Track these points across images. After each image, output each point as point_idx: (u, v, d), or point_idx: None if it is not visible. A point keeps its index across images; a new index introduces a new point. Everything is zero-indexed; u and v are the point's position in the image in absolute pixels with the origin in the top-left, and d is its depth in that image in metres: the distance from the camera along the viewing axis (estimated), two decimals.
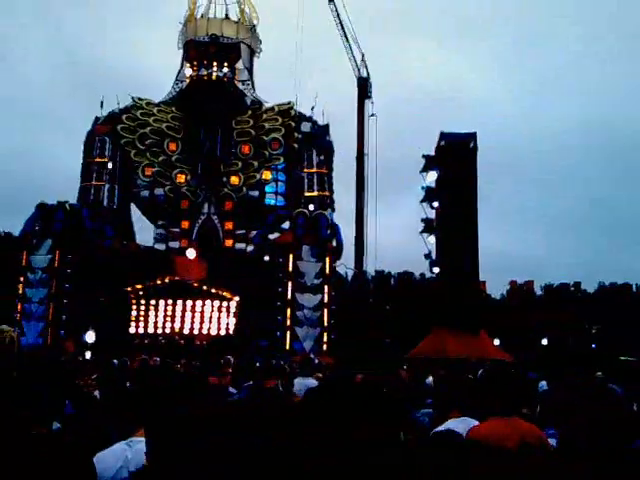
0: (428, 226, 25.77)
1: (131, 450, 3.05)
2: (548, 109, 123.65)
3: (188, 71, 32.64)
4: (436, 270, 25.74)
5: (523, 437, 3.41)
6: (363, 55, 33.76)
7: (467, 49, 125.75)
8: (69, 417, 4.73)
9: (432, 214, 26.69)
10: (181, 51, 34.33)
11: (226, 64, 32.27)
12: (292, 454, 1.66)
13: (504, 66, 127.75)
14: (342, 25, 33.05)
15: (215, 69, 32.03)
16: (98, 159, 30.90)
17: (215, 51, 32.07)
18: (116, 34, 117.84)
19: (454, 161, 24.43)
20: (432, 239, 25.04)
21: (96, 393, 6.79)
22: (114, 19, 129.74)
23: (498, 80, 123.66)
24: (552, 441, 4.08)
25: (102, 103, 31.61)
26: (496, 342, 26.92)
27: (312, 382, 9.40)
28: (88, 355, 20.79)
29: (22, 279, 26.76)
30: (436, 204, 25.73)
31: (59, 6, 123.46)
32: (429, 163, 25.62)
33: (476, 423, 3.78)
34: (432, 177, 25.17)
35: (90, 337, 23.56)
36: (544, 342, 34.40)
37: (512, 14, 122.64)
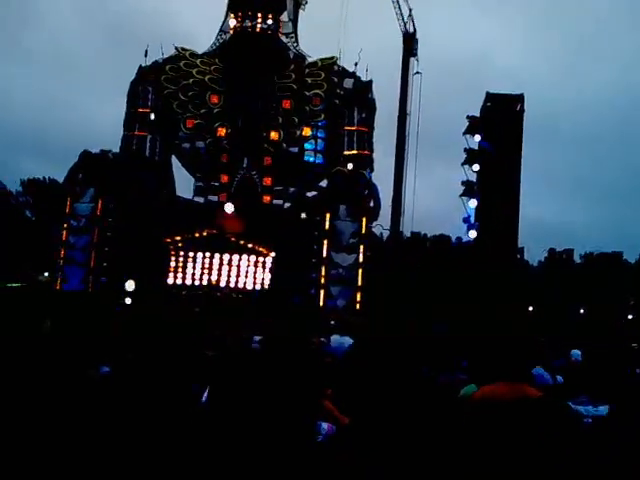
0: (468, 189, 25.37)
1: None
2: (588, 74, 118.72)
3: (232, 22, 32.20)
4: (472, 234, 25.42)
5: (524, 396, 3.52)
6: (410, 10, 32.79)
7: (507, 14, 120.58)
8: None
9: (473, 177, 26.23)
10: (225, 1, 33.80)
11: (270, 16, 31.69)
12: None
13: (536, 31, 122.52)
14: None
15: (259, 21, 31.51)
16: (141, 109, 31.02)
17: (259, 2, 31.47)
18: None
19: (500, 123, 23.80)
20: (472, 203, 24.65)
21: None
22: None
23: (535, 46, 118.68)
24: (582, 408, 4.07)
25: (146, 52, 31.54)
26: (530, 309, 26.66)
27: (348, 340, 9.50)
28: (128, 301, 21.44)
29: (65, 226, 27.43)
30: (477, 167, 25.24)
31: None
32: (473, 124, 25.03)
33: None
34: (476, 139, 24.61)
35: (130, 285, 24.22)
36: (581, 311, 33.92)
37: None
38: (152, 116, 30.81)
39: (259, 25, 31.56)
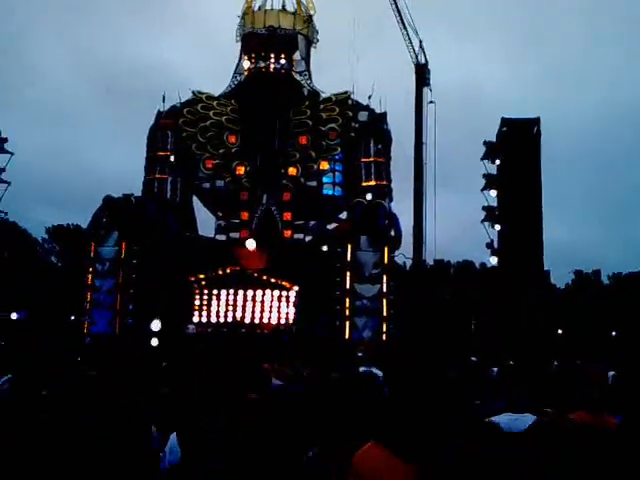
0: (489, 214, 25.27)
1: None
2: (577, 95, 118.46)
3: (246, 64, 32.97)
4: (494, 260, 25.20)
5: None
6: (421, 42, 33.26)
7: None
8: None
9: (494, 202, 26.14)
10: (239, 44, 34.69)
11: (283, 56, 32.41)
12: None
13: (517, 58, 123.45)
14: (399, 11, 32.62)
15: (272, 61, 32.22)
16: (161, 152, 31.71)
17: (272, 43, 32.23)
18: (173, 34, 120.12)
19: (517, 147, 23.80)
20: (496, 226, 24.53)
21: None
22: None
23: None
24: None
25: (164, 97, 32.40)
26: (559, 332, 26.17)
27: (376, 372, 9.40)
28: (155, 342, 21.51)
29: (91, 270, 27.81)
30: (494, 193, 25.17)
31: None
32: (490, 150, 25.06)
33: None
34: (494, 164, 24.62)
35: (156, 326, 24.33)
36: (613, 334, 33.17)
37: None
38: (172, 158, 31.44)
39: (272, 65, 32.27)
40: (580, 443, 2.75)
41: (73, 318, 34.21)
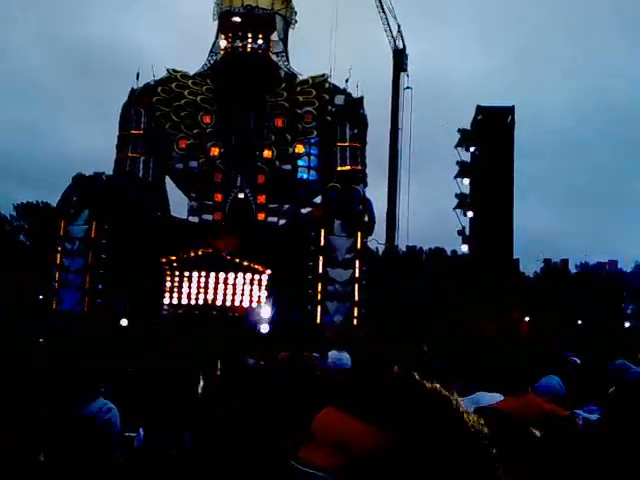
0: (462, 202, 25.45)
1: None
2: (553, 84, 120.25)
3: (222, 43, 32.46)
4: (465, 248, 25.45)
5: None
6: (399, 26, 33.16)
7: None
8: None
9: (466, 190, 26.33)
10: (215, 22, 34.12)
11: (261, 36, 31.98)
12: None
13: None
14: None
15: (250, 41, 31.78)
16: (134, 131, 31.15)
17: (250, 22, 31.76)
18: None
19: (491, 135, 23.97)
20: (469, 213, 24.75)
21: None
22: None
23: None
24: (593, 417, 4.02)
25: (138, 75, 31.76)
26: (527, 319, 26.64)
27: (346, 356, 9.43)
28: (124, 323, 21.31)
29: (60, 249, 27.33)
30: (467, 181, 25.34)
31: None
32: (465, 137, 25.19)
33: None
34: (467, 152, 24.78)
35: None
36: (579, 322, 33.91)
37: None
38: (145, 137, 30.91)
39: (249, 45, 31.83)
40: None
41: (41, 297, 33.65)
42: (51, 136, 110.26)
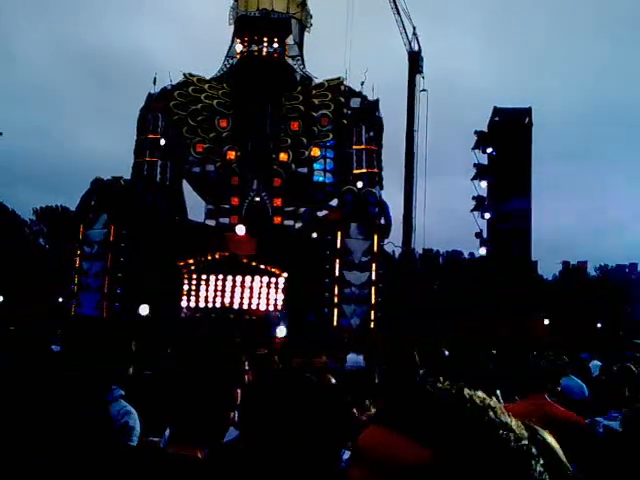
0: (479, 204, 25.30)
1: None
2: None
3: (239, 47, 32.62)
4: (482, 251, 25.29)
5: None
6: (414, 29, 33.07)
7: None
8: None
9: (483, 192, 26.18)
10: (232, 27, 34.32)
11: (276, 40, 32.07)
12: None
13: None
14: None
15: (265, 45, 31.89)
16: (151, 135, 31.41)
17: (266, 26, 31.89)
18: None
19: (509, 137, 23.81)
20: (486, 215, 24.60)
21: None
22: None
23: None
24: (614, 424, 3.96)
25: (155, 79, 32.06)
26: (546, 322, 26.37)
27: (362, 358, 9.43)
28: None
29: (79, 252, 27.61)
30: (484, 184, 25.20)
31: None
32: (482, 139, 25.05)
33: None
34: (485, 154, 24.64)
35: (144, 310, 24.27)
36: (599, 325, 33.51)
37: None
38: (162, 142, 31.14)
39: (265, 49, 31.94)
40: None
41: (60, 300, 34.03)
42: (70, 140, 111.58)
